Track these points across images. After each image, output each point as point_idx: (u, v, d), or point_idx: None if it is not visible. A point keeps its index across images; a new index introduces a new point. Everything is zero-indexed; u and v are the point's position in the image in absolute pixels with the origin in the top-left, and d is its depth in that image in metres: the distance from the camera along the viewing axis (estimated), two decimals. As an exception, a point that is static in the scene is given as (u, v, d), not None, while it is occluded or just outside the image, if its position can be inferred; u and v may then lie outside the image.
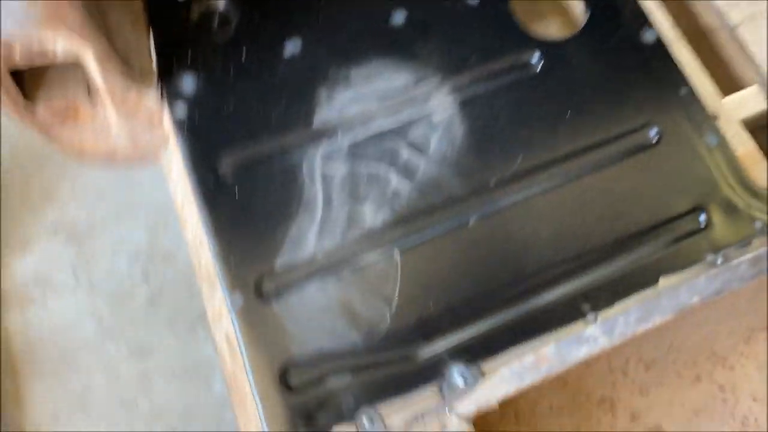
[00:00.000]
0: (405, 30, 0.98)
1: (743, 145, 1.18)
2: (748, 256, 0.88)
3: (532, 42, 1.00)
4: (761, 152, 1.18)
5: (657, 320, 0.82)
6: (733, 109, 1.20)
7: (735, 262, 0.85)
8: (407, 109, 0.94)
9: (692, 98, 0.99)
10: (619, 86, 0.99)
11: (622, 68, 1.00)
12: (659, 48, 1.02)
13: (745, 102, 1.21)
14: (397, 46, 0.97)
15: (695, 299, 0.84)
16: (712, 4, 1.24)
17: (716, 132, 0.98)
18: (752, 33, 1.20)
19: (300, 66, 0.95)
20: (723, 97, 1.10)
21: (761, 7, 1.22)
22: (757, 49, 1.21)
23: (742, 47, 1.23)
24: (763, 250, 0.89)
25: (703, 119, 0.99)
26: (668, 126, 0.97)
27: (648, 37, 1.03)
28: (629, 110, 0.97)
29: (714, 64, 1.36)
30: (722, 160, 0.97)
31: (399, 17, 0.99)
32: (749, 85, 1.19)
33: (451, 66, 0.97)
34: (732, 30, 1.23)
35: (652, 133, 0.97)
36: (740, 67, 1.27)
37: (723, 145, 0.98)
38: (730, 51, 1.25)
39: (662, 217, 0.93)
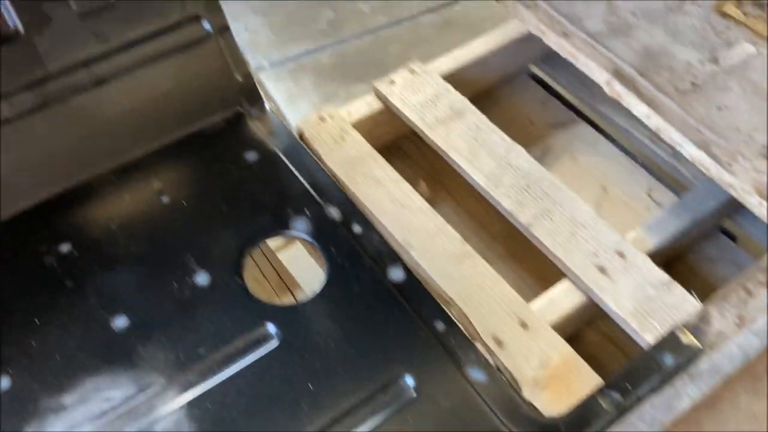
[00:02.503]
0: (126, 335, 0.91)
1: (558, 353, 1.07)
2: None
3: (268, 312, 0.93)
4: (581, 356, 1.06)
5: None
6: (542, 314, 1.11)
7: None
8: (127, 425, 0.84)
9: (451, 331, 0.90)
10: (366, 339, 0.90)
11: (370, 317, 0.92)
12: (409, 284, 0.94)
13: (556, 302, 1.12)
14: (116, 356, 0.89)
15: None
16: (501, 209, 1.20)
17: (483, 364, 0.87)
18: (544, 229, 1.15)
19: (7, 407, 0.86)
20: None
21: (547, 204, 1.18)
22: (551, 243, 1.15)
23: (541, 244, 1.16)
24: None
25: (466, 353, 0.88)
26: (425, 371, 0.87)
27: (395, 275, 0.95)
28: (379, 364, 0.88)
29: (530, 263, 1.28)
30: (493, 395, 0.85)
31: (120, 322, 0.92)
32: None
33: (177, 363, 0.89)
34: (527, 229, 1.17)
35: (409, 383, 0.86)
36: (550, 264, 1.20)
37: (493, 376, 0.87)
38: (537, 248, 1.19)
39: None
